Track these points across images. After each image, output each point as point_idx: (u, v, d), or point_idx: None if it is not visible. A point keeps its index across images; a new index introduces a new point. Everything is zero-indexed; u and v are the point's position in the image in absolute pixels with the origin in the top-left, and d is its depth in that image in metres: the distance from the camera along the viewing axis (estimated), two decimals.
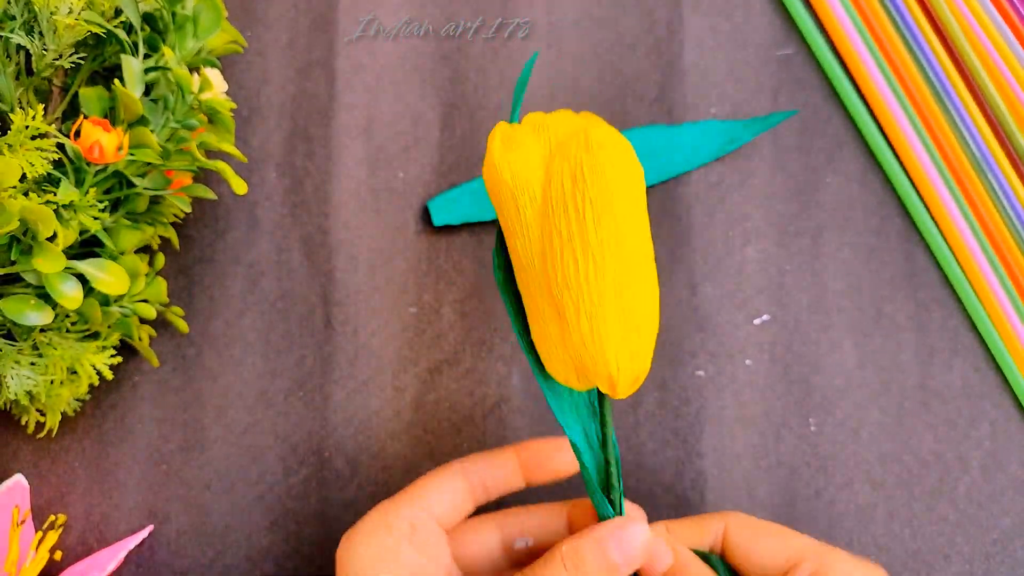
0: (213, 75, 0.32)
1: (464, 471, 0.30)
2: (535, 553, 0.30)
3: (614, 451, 0.28)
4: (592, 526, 0.27)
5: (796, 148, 0.40)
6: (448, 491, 0.29)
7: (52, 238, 0.29)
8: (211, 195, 0.34)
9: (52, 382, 0.32)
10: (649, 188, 0.39)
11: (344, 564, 0.28)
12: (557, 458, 0.31)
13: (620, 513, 0.28)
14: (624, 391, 0.26)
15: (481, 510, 0.32)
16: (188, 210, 0.34)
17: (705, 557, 0.31)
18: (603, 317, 0.25)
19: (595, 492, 0.28)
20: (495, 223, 0.38)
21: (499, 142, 0.26)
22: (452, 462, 0.30)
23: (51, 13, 0.30)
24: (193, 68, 0.33)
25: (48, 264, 0.28)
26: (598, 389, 0.28)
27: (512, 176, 0.25)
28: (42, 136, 0.30)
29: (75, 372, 0.33)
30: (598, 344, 0.25)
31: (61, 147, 0.30)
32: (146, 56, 0.32)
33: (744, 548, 0.30)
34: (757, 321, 0.38)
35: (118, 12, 0.32)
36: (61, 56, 0.32)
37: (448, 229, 0.38)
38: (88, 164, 0.30)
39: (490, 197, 0.27)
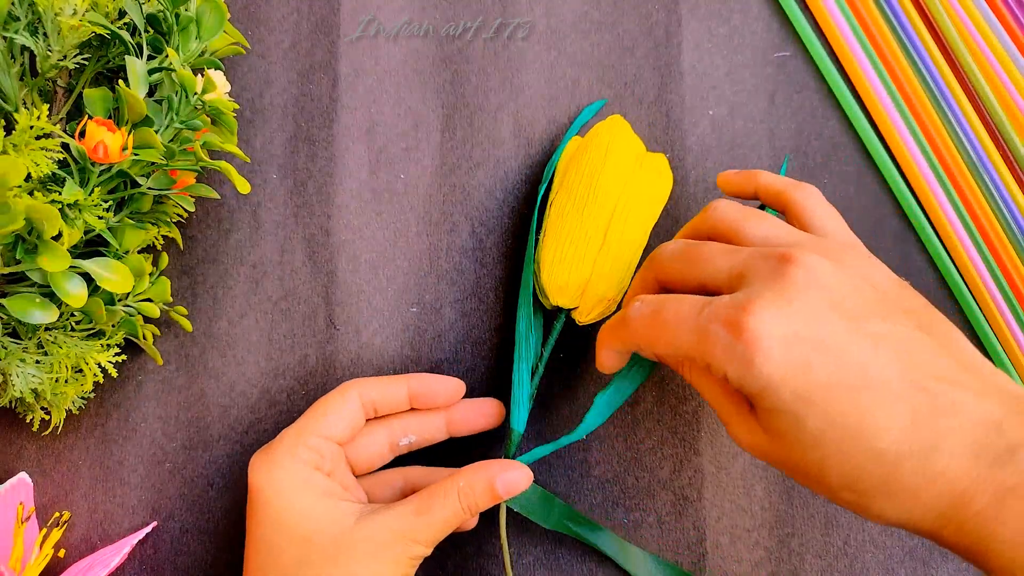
0: (216, 76, 0.32)
1: (361, 392, 0.34)
2: (416, 448, 0.35)
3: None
4: (484, 464, 0.32)
5: (793, 149, 0.40)
6: (347, 413, 0.33)
7: (57, 237, 0.29)
8: (214, 195, 0.34)
9: (57, 380, 0.32)
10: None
11: (263, 487, 0.31)
12: (441, 392, 0.35)
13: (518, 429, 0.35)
14: (555, 298, 0.35)
15: None
16: (192, 210, 0.35)
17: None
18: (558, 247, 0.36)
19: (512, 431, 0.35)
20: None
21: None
22: (350, 385, 0.34)
23: (55, 14, 0.31)
24: (197, 69, 0.33)
25: (53, 263, 0.29)
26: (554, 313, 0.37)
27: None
28: (47, 136, 0.30)
29: (80, 370, 0.33)
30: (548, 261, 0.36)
31: (66, 147, 0.30)
32: (150, 57, 0.33)
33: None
34: None
35: (122, 14, 0.33)
36: (65, 57, 0.32)
37: (449, 228, 0.39)
38: (93, 164, 0.30)
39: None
